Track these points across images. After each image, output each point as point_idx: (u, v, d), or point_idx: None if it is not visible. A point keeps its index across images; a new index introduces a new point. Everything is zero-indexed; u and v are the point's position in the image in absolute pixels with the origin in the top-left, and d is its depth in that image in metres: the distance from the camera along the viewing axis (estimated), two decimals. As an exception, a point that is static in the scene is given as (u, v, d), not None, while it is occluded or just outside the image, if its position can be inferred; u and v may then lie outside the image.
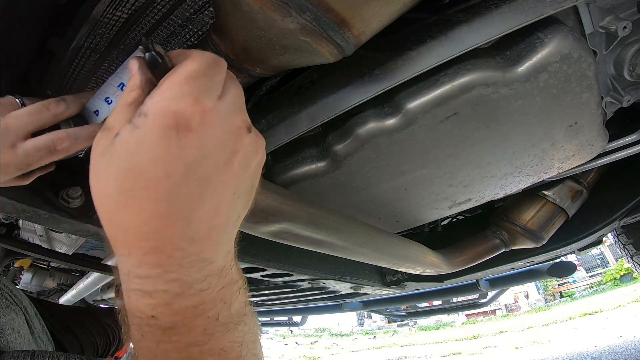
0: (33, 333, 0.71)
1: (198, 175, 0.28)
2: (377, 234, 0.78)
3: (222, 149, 0.29)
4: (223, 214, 0.31)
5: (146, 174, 0.27)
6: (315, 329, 16.66)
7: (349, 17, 0.40)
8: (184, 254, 0.29)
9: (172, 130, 0.27)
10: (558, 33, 0.52)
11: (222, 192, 0.30)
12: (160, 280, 0.29)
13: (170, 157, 0.27)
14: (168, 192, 0.27)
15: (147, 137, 0.27)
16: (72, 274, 2.37)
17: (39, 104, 0.41)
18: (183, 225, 0.28)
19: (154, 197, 0.27)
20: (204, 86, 0.29)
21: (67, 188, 0.56)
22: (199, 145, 0.27)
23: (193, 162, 0.27)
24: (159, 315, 0.29)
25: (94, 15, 0.49)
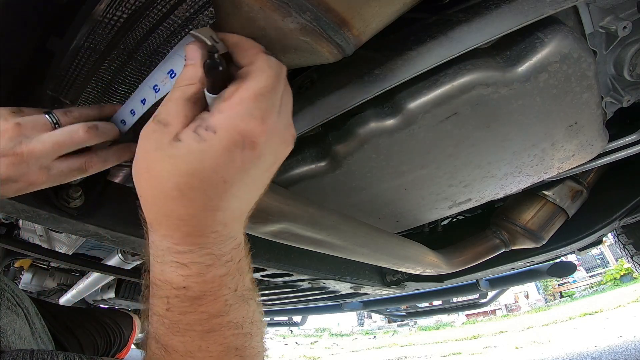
0: (34, 334, 0.71)
1: (248, 180, 0.32)
2: (377, 234, 0.78)
3: (272, 158, 0.33)
4: (250, 202, 0.36)
5: (206, 180, 0.30)
6: (315, 329, 16.66)
7: (349, 17, 0.40)
8: (218, 235, 0.33)
9: (239, 147, 0.29)
10: (558, 33, 0.52)
11: (258, 188, 0.35)
12: (197, 255, 0.32)
13: (232, 168, 0.30)
14: (221, 193, 0.31)
15: (213, 150, 0.29)
16: (72, 274, 2.38)
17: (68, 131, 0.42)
18: (222, 215, 0.32)
19: (208, 196, 0.30)
20: (270, 104, 0.31)
21: (67, 188, 0.56)
22: (257, 158, 0.31)
23: (248, 171, 0.31)
24: (191, 284, 0.33)
25: (94, 15, 0.49)
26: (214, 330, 0.35)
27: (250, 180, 0.32)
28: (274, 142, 0.32)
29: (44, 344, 0.77)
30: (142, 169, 0.32)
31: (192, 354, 0.35)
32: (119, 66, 0.61)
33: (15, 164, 0.38)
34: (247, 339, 0.38)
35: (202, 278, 0.33)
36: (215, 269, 0.33)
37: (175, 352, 0.35)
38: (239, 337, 0.37)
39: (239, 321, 0.36)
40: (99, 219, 0.62)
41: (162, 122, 0.31)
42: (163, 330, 0.35)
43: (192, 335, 0.35)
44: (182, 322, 0.34)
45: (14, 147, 0.38)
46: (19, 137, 0.39)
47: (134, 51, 0.58)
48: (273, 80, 0.32)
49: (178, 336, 0.35)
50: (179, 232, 0.32)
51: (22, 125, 0.39)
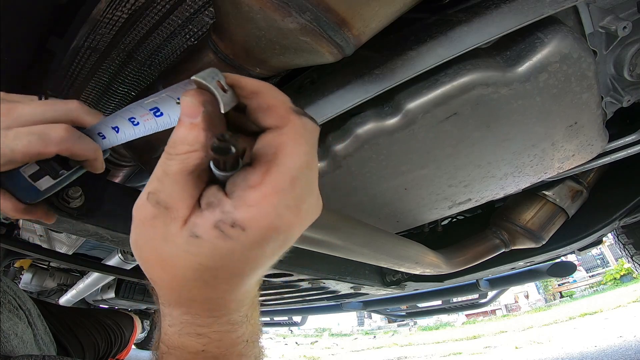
0: (36, 336, 0.71)
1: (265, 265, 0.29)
2: (377, 234, 0.78)
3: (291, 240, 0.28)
4: (258, 279, 0.33)
5: (232, 271, 0.27)
6: (315, 329, 16.66)
7: (349, 17, 0.40)
8: (237, 303, 0.32)
9: (271, 241, 0.25)
10: (558, 33, 0.52)
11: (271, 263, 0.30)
12: (216, 325, 0.32)
13: (262, 259, 0.27)
14: (245, 277, 0.28)
15: (242, 248, 0.25)
16: (72, 274, 2.38)
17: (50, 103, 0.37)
18: (245, 289, 0.30)
19: (231, 282, 0.28)
20: (308, 188, 0.25)
21: (67, 188, 0.56)
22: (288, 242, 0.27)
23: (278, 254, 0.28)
24: (209, 349, 0.32)
25: (94, 15, 0.49)
26: None
27: (275, 258, 0.29)
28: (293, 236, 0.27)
29: (46, 346, 0.77)
30: (149, 256, 0.28)
31: None
32: (119, 66, 0.61)
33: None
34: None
35: (221, 343, 0.33)
36: (233, 333, 0.33)
37: None
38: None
39: None
40: (99, 219, 0.62)
41: (162, 204, 0.25)
42: None
43: None
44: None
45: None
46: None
47: (134, 51, 0.58)
48: (312, 154, 0.26)
49: None
50: (200, 310, 0.31)
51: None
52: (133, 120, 0.36)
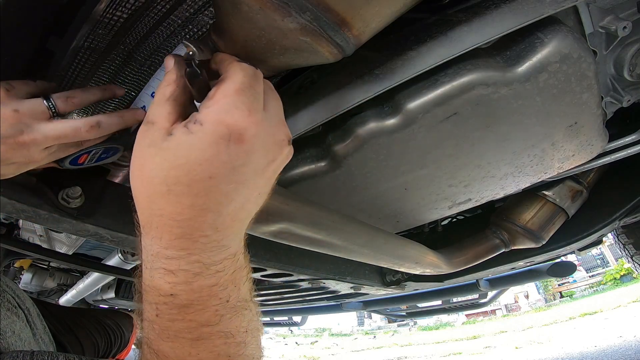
0: (35, 335, 0.71)
1: (237, 178, 0.31)
2: (377, 234, 0.78)
3: (264, 158, 0.32)
4: (247, 210, 0.34)
5: (192, 173, 0.29)
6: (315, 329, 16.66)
7: (349, 17, 0.40)
8: (208, 240, 0.32)
9: (225, 139, 0.29)
10: (558, 33, 0.52)
11: (252, 192, 0.33)
12: (184, 261, 0.32)
13: (218, 162, 0.30)
14: (207, 189, 0.30)
15: (200, 143, 0.29)
16: (72, 274, 2.37)
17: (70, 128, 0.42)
18: (212, 217, 0.31)
19: (194, 192, 0.30)
20: (253, 98, 0.31)
21: (67, 188, 0.56)
22: (245, 154, 0.30)
23: (236, 168, 0.30)
24: (179, 292, 0.32)
25: (94, 15, 0.49)
26: (203, 338, 0.34)
27: (240, 179, 0.31)
28: (263, 140, 0.31)
29: (45, 345, 0.77)
30: (136, 168, 0.32)
31: None
32: (119, 66, 0.61)
33: (16, 149, 0.39)
34: (240, 347, 0.37)
35: (189, 287, 0.32)
36: (203, 279, 0.33)
37: (166, 357, 0.35)
38: (230, 345, 0.36)
39: (230, 330, 0.36)
40: (99, 219, 0.62)
41: (150, 121, 0.33)
42: (154, 335, 0.35)
43: (181, 342, 0.34)
44: (171, 329, 0.34)
45: (14, 134, 0.38)
46: (19, 125, 0.39)
47: (133, 51, 0.58)
48: (249, 78, 0.33)
49: (168, 342, 0.34)
50: (168, 234, 0.31)
51: (20, 112, 0.39)
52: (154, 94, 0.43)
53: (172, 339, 0.34)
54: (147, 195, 0.31)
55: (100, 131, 0.44)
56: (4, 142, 0.38)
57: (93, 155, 0.50)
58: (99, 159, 0.52)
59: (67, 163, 0.48)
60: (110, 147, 0.51)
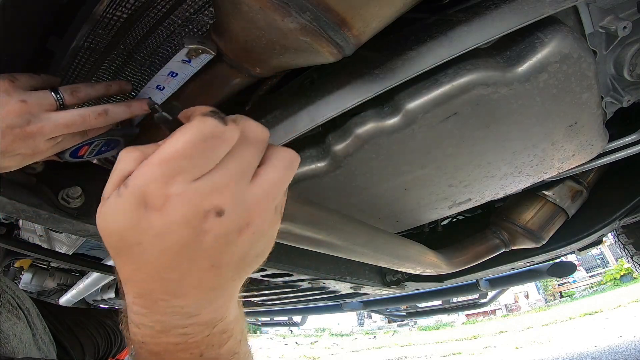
0: (35, 335, 0.71)
1: (164, 247, 0.29)
2: (377, 234, 0.78)
3: (186, 228, 0.29)
4: (204, 280, 0.32)
5: (123, 238, 0.29)
6: (315, 329, 16.66)
7: (349, 17, 0.40)
8: (168, 305, 0.32)
9: (141, 205, 0.28)
10: (558, 33, 0.52)
11: (196, 262, 0.31)
12: (147, 319, 0.33)
13: (139, 227, 0.29)
14: (139, 256, 0.30)
15: (120, 206, 0.29)
16: (72, 274, 2.37)
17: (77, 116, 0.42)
18: (161, 283, 0.31)
19: (132, 258, 0.30)
20: (179, 169, 0.28)
21: (67, 188, 0.56)
22: (162, 222, 0.29)
23: (158, 235, 0.29)
24: (147, 342, 0.34)
25: (94, 15, 0.49)
26: None
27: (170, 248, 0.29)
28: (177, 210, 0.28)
29: (45, 346, 0.77)
30: None
31: None
32: (119, 66, 0.61)
33: (22, 139, 0.39)
34: None
35: (154, 340, 0.33)
36: (167, 337, 0.33)
37: None
38: None
39: None
40: (99, 219, 0.62)
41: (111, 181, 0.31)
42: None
43: None
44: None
45: (22, 124, 0.38)
46: (27, 115, 0.39)
47: (133, 51, 0.58)
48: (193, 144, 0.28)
49: None
50: (130, 291, 0.32)
51: (28, 103, 0.39)
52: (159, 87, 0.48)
53: None
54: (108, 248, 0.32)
55: (107, 119, 0.44)
56: (10, 132, 0.38)
57: (94, 147, 0.50)
58: (99, 152, 0.52)
59: (67, 155, 0.48)
60: (111, 140, 0.51)
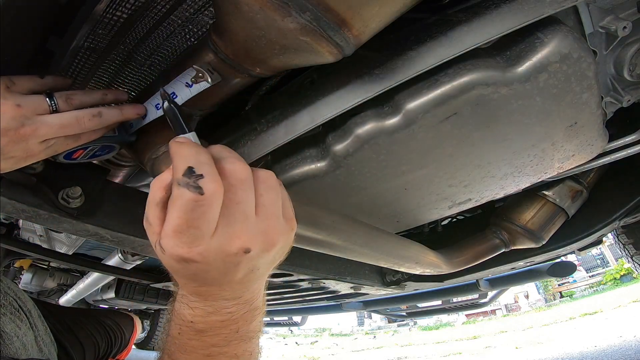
0: (36, 337, 0.71)
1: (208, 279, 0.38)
2: (377, 234, 0.78)
3: (223, 266, 0.37)
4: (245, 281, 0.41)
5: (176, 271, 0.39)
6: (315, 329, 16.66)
7: (348, 17, 0.40)
8: (217, 297, 0.41)
9: (180, 263, 0.36)
10: (558, 33, 0.52)
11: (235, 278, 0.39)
12: (201, 304, 0.42)
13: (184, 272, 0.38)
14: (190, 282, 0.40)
15: (169, 261, 0.37)
16: (72, 274, 2.37)
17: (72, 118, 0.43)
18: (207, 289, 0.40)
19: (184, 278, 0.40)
20: (194, 231, 0.34)
21: (67, 188, 0.56)
22: (200, 269, 0.37)
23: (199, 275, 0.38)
24: (196, 322, 0.42)
25: (94, 15, 0.49)
26: (212, 355, 0.44)
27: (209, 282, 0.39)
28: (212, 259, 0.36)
29: (47, 346, 0.77)
30: None
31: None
32: (119, 66, 0.61)
33: (16, 142, 0.40)
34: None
35: (204, 319, 0.42)
36: (215, 316, 0.42)
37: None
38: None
39: (237, 352, 0.45)
40: (99, 219, 0.62)
41: (149, 222, 0.38)
42: (174, 348, 0.44)
43: (194, 356, 0.44)
44: (188, 345, 0.44)
45: (16, 127, 0.39)
46: (21, 118, 0.39)
47: (133, 51, 0.58)
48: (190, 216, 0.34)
49: (184, 354, 0.44)
50: (186, 288, 0.42)
51: (22, 107, 0.40)
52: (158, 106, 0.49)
53: (188, 352, 0.44)
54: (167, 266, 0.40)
55: (101, 121, 0.45)
56: (4, 134, 0.38)
57: (88, 152, 0.50)
58: (94, 155, 0.52)
59: (61, 157, 0.48)
60: (106, 145, 0.51)
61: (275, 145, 0.59)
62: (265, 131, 0.60)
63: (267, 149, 0.60)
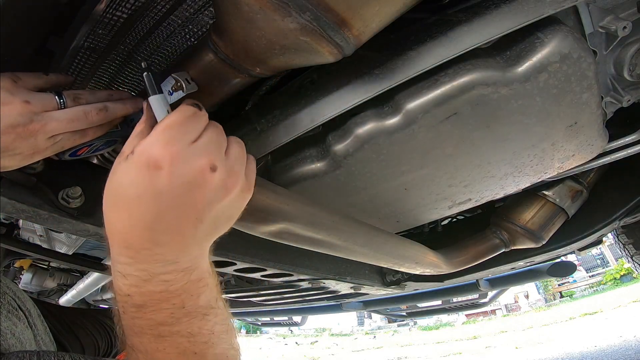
0: (36, 336, 0.71)
1: (161, 200, 0.36)
2: (377, 234, 0.78)
3: (184, 183, 0.36)
4: (186, 231, 0.38)
5: (126, 194, 0.36)
6: (315, 329, 16.67)
7: (349, 17, 0.40)
8: (151, 253, 0.37)
9: (145, 166, 0.35)
10: (558, 33, 0.52)
11: (184, 214, 0.37)
12: (133, 268, 0.38)
13: (142, 185, 0.35)
14: (137, 207, 0.36)
15: (129, 168, 0.36)
16: (72, 274, 2.37)
17: (80, 112, 0.44)
18: (148, 233, 0.37)
19: (128, 209, 0.36)
20: (177, 134, 0.37)
21: (67, 188, 0.56)
22: (165, 178, 0.35)
23: (159, 191, 0.35)
24: (132, 294, 0.38)
25: (94, 15, 0.49)
26: (164, 335, 0.40)
27: (165, 200, 0.36)
28: (179, 167, 0.36)
29: (46, 346, 0.76)
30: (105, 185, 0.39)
31: (151, 354, 0.40)
32: (119, 66, 0.61)
33: (24, 137, 0.40)
34: (207, 346, 0.42)
35: (139, 289, 0.38)
36: (151, 285, 0.38)
37: (138, 351, 0.40)
38: (196, 344, 0.41)
39: (192, 331, 0.41)
40: (99, 219, 0.62)
41: (121, 150, 0.39)
42: (126, 331, 0.41)
43: (146, 337, 0.40)
44: (136, 325, 0.40)
45: (24, 123, 0.39)
46: (29, 114, 0.40)
47: (133, 51, 0.58)
48: (182, 117, 0.38)
49: (136, 337, 0.40)
50: (117, 243, 0.38)
51: (31, 103, 0.40)
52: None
53: (139, 334, 0.40)
54: (105, 209, 0.38)
55: (107, 115, 0.46)
56: (12, 130, 0.38)
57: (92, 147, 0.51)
58: (97, 149, 0.53)
59: (67, 156, 0.48)
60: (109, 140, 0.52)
61: (275, 145, 0.59)
62: (265, 131, 0.60)
63: (267, 149, 0.60)
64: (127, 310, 0.39)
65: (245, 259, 0.87)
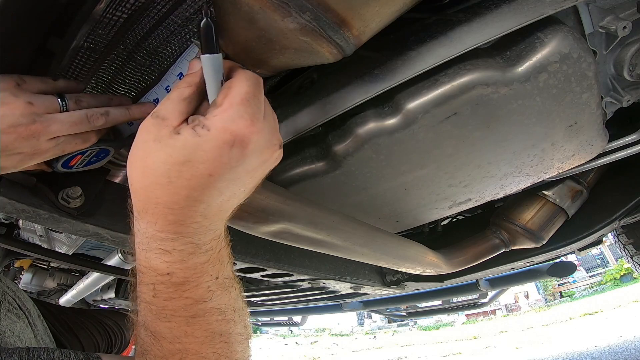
0: (36, 336, 0.71)
1: (232, 177, 0.35)
2: (377, 234, 0.78)
3: (258, 160, 0.36)
4: (232, 202, 0.38)
5: (193, 170, 0.33)
6: (315, 329, 16.67)
7: (348, 17, 0.40)
8: (198, 226, 0.36)
9: (228, 144, 0.33)
10: (558, 33, 0.52)
11: (240, 188, 0.37)
12: (178, 242, 0.36)
13: (218, 163, 0.33)
14: (204, 185, 0.34)
15: (205, 145, 0.33)
16: (72, 274, 2.37)
17: (83, 115, 0.44)
18: (203, 207, 0.35)
19: (192, 186, 0.33)
20: (256, 107, 0.35)
21: (67, 188, 0.56)
22: (244, 157, 0.34)
23: (233, 168, 0.34)
24: (174, 270, 0.36)
25: (94, 15, 0.49)
26: (198, 315, 0.38)
27: (234, 177, 0.35)
28: (261, 144, 0.35)
29: (46, 346, 0.76)
30: (137, 158, 0.35)
31: (179, 339, 0.38)
32: (119, 66, 0.61)
33: (25, 138, 0.40)
34: (230, 325, 0.41)
35: (184, 265, 0.36)
36: (196, 257, 0.37)
37: (163, 338, 0.38)
38: (222, 323, 0.40)
39: (221, 307, 0.40)
40: (99, 219, 0.62)
41: (161, 117, 0.34)
42: (151, 317, 0.38)
43: (177, 320, 0.38)
44: (168, 307, 0.37)
45: (27, 123, 0.39)
46: (32, 115, 0.40)
47: (133, 51, 0.58)
48: (254, 87, 0.35)
49: (165, 322, 0.38)
50: (163, 220, 0.35)
51: (34, 104, 0.40)
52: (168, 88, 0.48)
53: (169, 318, 0.38)
54: (146, 185, 0.34)
55: (108, 120, 0.46)
56: (14, 130, 0.39)
57: (85, 157, 0.51)
58: (89, 162, 0.53)
59: (59, 166, 0.49)
60: (103, 149, 0.52)
61: (275, 145, 0.59)
62: (265, 131, 0.60)
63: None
64: (161, 292, 0.37)
65: (245, 259, 0.87)
